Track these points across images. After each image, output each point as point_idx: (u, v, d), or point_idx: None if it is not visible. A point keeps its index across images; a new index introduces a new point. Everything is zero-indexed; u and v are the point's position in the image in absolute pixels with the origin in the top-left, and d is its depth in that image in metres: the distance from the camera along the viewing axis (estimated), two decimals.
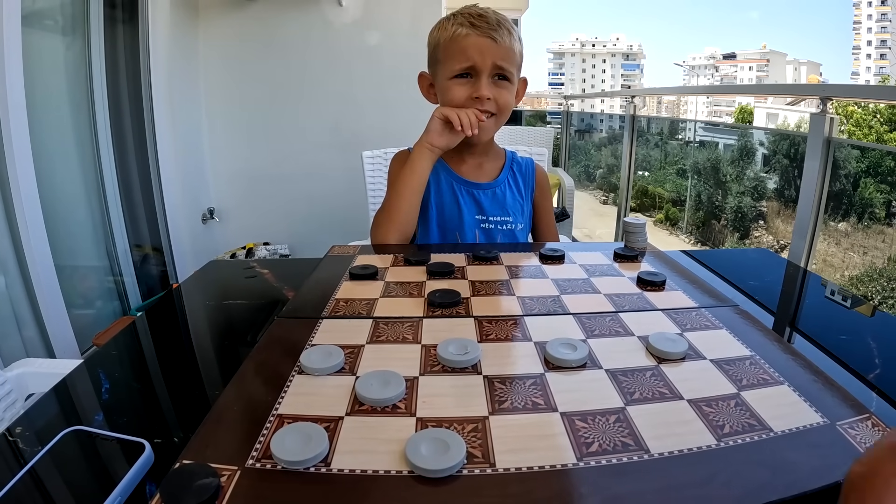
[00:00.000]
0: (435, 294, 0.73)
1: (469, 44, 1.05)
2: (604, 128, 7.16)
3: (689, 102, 27.83)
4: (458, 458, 0.41)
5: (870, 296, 4.30)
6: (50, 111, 2.12)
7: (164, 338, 0.78)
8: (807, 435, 0.45)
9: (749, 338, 0.62)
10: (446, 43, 1.08)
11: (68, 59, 2.24)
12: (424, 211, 1.14)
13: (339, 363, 0.55)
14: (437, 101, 1.15)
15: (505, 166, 1.23)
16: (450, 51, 1.07)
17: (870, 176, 4.50)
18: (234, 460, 0.42)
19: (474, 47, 1.05)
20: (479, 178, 1.20)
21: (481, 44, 1.05)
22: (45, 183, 1.86)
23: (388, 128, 3.07)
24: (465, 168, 1.20)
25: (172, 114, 2.70)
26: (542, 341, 0.60)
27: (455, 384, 0.52)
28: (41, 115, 1.95)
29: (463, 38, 1.05)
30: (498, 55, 1.06)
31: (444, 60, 1.08)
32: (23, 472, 0.43)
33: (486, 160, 1.22)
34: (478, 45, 1.05)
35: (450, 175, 1.18)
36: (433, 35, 1.12)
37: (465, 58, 1.05)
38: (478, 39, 1.05)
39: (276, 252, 3.17)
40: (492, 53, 1.05)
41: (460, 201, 1.16)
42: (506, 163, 1.24)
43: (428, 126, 1.08)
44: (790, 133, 8.38)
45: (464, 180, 1.18)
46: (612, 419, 0.47)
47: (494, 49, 1.05)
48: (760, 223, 6.52)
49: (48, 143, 2.04)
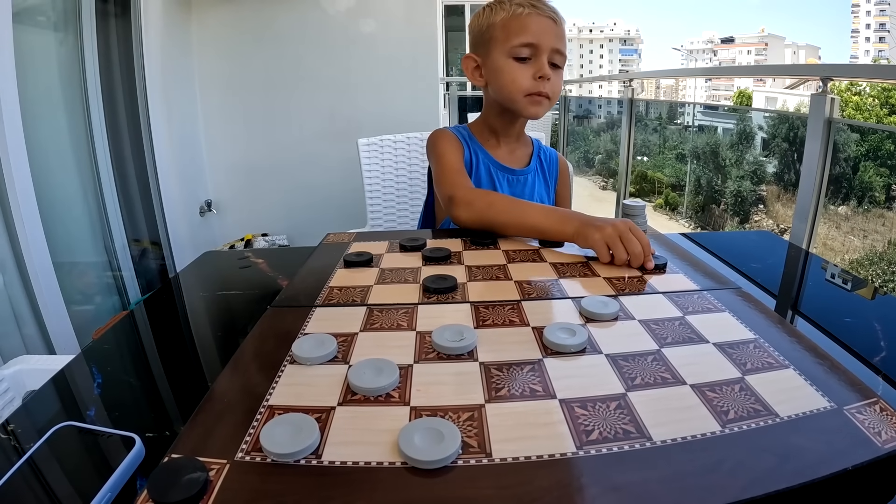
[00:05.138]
0: (430, 280, 0.71)
1: (532, 22, 1.04)
2: (602, 113, 7.13)
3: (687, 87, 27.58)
4: (452, 449, 0.39)
5: (870, 279, 4.29)
6: (44, 107, 2.11)
7: (159, 330, 0.76)
8: (814, 420, 0.44)
9: (752, 321, 0.61)
10: (505, 21, 1.06)
11: (61, 55, 2.22)
12: None
13: (332, 352, 0.53)
14: (484, 82, 1.13)
15: (533, 154, 1.24)
16: (511, 28, 1.05)
17: (869, 160, 4.48)
18: (224, 453, 0.41)
19: (537, 25, 1.04)
20: (513, 164, 1.20)
21: (543, 23, 1.05)
22: (41, 180, 1.85)
23: (384, 115, 3.05)
24: (500, 152, 1.19)
25: (167, 107, 2.68)
26: (540, 326, 0.59)
27: (450, 371, 0.51)
28: (35, 111, 1.94)
29: (525, 16, 1.04)
30: (557, 37, 1.06)
31: (504, 39, 1.06)
32: (13, 470, 0.42)
33: (518, 147, 1.22)
34: (540, 24, 1.04)
35: (487, 159, 1.17)
36: (483, 16, 1.10)
37: (529, 34, 1.04)
38: (539, 19, 1.05)
39: (274, 243, 3.16)
40: (553, 34, 1.05)
41: (496, 186, 1.16)
42: (534, 151, 1.24)
43: (589, 236, 0.83)
44: (790, 114, 8.34)
45: (500, 165, 1.18)
46: (612, 406, 0.45)
47: (555, 30, 1.05)
48: (760, 207, 6.51)
49: (43, 139, 2.03)
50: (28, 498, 0.42)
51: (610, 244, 0.79)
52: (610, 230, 0.80)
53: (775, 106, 23.41)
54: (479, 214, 0.96)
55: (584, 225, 0.84)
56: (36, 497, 0.42)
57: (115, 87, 2.49)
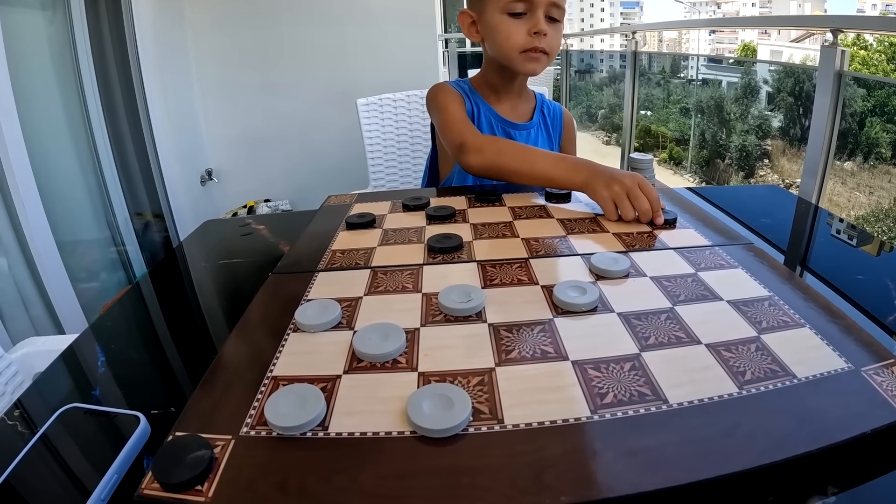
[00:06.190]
0: (434, 239, 0.69)
1: None
2: (604, 67, 6.99)
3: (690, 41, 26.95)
4: (462, 416, 0.38)
5: (877, 235, 4.26)
6: (37, 88, 2.07)
7: (163, 302, 0.75)
8: (831, 381, 0.42)
9: (765, 278, 0.59)
10: None
11: (51, 34, 2.17)
12: None
13: (336, 318, 0.52)
14: (480, 38, 1.09)
15: (536, 109, 1.20)
16: None
17: (876, 115, 4.39)
18: (228, 429, 0.39)
19: None
20: (515, 119, 1.16)
21: None
22: (39, 160, 1.83)
23: (383, 76, 2.99)
24: (502, 107, 1.16)
25: (162, 79, 2.62)
26: (550, 285, 0.57)
27: (458, 334, 0.49)
28: (28, 93, 1.90)
29: None
30: None
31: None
32: (20, 457, 0.41)
33: (520, 102, 1.19)
34: None
35: (489, 112, 1.14)
36: None
37: None
38: None
39: (277, 208, 3.12)
40: None
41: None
42: (536, 105, 1.21)
43: (597, 189, 0.81)
44: (796, 67, 8.17)
45: (503, 119, 1.14)
46: (626, 367, 0.44)
47: None
48: (765, 162, 6.43)
49: (38, 120, 1.99)
50: (36, 484, 0.41)
51: (617, 201, 0.77)
52: (617, 187, 0.78)
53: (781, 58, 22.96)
54: (489, 161, 0.94)
55: (593, 175, 0.82)
56: (43, 482, 0.41)
57: (108, 63, 2.44)
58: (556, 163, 0.88)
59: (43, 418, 0.45)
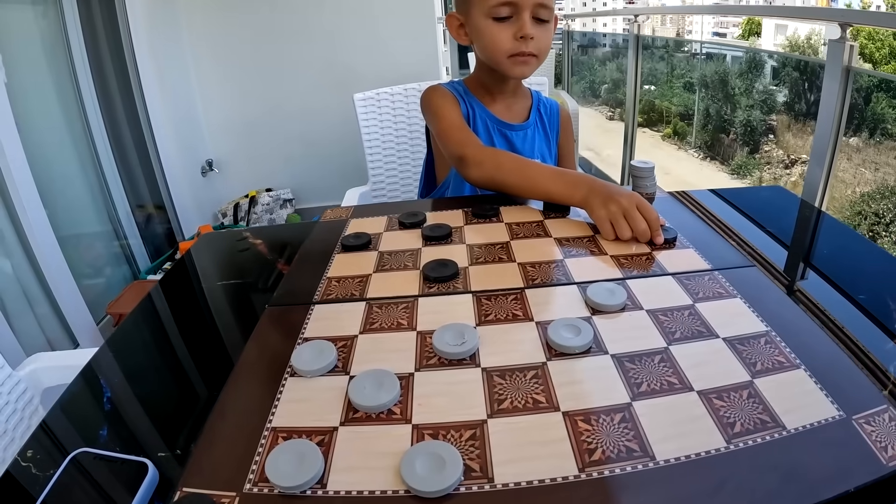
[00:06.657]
0: (430, 267, 0.70)
1: None
2: (607, 42, 6.89)
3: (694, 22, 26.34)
4: (454, 477, 0.39)
5: (882, 213, 4.23)
6: (30, 82, 2.06)
7: (161, 333, 0.75)
8: (821, 432, 0.43)
9: (764, 308, 0.59)
10: None
11: (43, 27, 2.15)
12: None
13: (332, 362, 0.52)
14: (468, 41, 1.08)
15: (532, 108, 1.19)
16: None
17: (882, 91, 4.34)
18: (232, 485, 0.41)
19: None
20: (511, 119, 1.15)
21: None
22: (36, 156, 1.83)
23: (382, 61, 2.98)
24: (497, 108, 1.15)
25: (158, 69, 2.61)
26: (545, 321, 0.58)
27: (452, 380, 0.50)
28: (22, 87, 1.89)
29: None
30: None
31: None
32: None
33: (515, 101, 1.18)
34: None
35: (484, 114, 1.13)
36: None
37: None
38: None
39: (279, 197, 3.13)
40: None
41: (494, 142, 1.12)
42: (532, 104, 1.20)
43: (594, 208, 0.81)
44: (805, 60, 8.03)
45: (498, 120, 1.13)
46: (616, 419, 0.45)
47: None
48: (770, 137, 6.38)
49: (33, 115, 1.99)
50: None
51: (613, 222, 0.77)
52: (614, 207, 0.78)
53: (786, 33, 22.53)
54: (489, 175, 0.94)
55: (591, 193, 0.82)
56: None
57: (102, 54, 2.42)
58: (555, 179, 0.88)
59: (54, 459, 0.47)
